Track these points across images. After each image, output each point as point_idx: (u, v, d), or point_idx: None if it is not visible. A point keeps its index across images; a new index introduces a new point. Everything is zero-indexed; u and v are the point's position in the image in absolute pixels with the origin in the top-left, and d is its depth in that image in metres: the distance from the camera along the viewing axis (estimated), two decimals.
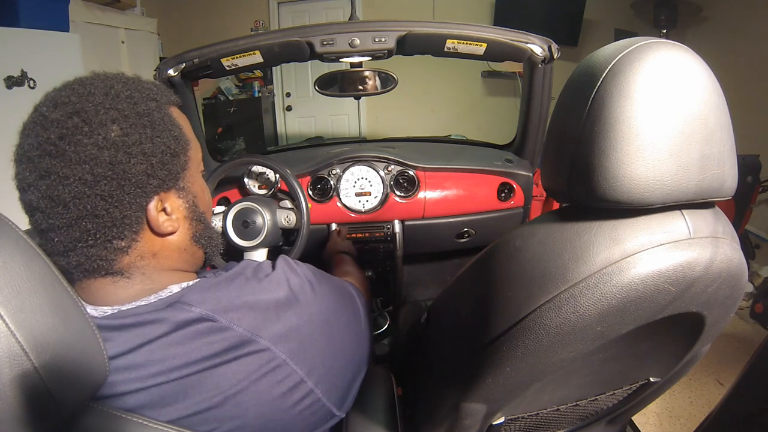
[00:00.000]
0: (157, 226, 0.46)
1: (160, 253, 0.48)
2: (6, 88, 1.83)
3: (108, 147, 0.42)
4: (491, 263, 0.53)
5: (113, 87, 0.45)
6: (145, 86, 0.48)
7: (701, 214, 0.47)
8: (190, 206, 0.50)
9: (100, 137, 0.42)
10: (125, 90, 0.45)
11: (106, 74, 0.47)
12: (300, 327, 0.47)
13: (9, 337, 0.30)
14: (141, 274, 0.46)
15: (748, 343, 1.87)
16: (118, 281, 0.45)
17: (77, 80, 0.45)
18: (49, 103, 0.43)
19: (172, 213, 0.48)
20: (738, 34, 2.61)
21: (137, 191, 0.44)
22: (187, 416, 0.41)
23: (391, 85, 1.05)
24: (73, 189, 0.41)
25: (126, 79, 0.47)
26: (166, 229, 0.47)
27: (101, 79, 0.46)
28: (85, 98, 0.43)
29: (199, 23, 3.61)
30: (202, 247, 0.53)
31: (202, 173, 0.55)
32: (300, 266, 0.53)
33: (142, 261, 0.46)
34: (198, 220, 0.51)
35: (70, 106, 0.42)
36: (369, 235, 1.23)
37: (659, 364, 0.62)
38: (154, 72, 1.00)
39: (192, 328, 0.42)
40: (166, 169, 0.46)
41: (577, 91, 0.46)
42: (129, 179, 0.43)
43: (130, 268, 0.46)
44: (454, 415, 0.58)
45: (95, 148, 0.41)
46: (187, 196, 0.50)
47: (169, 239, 0.48)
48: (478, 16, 3.32)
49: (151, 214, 0.45)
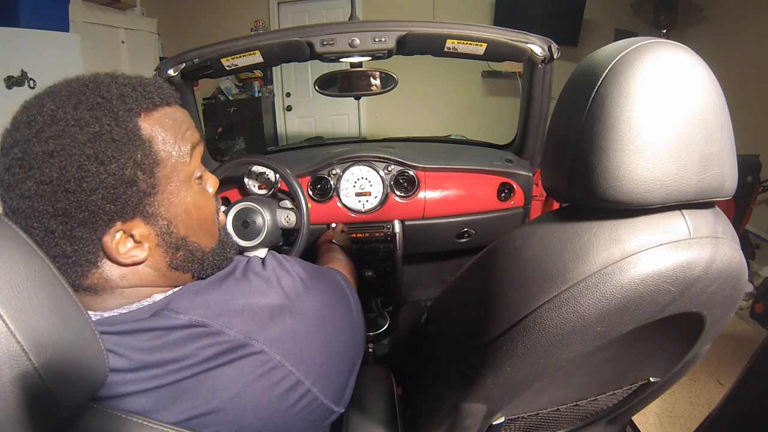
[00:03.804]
0: (115, 259, 0.42)
1: (130, 275, 0.44)
2: (6, 88, 1.84)
3: (46, 183, 0.39)
4: (491, 263, 0.52)
5: (62, 107, 0.40)
6: (110, 96, 0.41)
7: (701, 214, 0.47)
8: (162, 233, 0.45)
9: (37, 173, 0.39)
10: (75, 109, 0.40)
11: (70, 84, 0.43)
12: (294, 327, 0.46)
13: (9, 337, 0.30)
14: (110, 292, 0.44)
15: (748, 343, 1.87)
16: (88, 295, 0.44)
17: (39, 94, 0.42)
18: (9, 124, 0.41)
19: (142, 241, 0.43)
20: (738, 34, 2.61)
21: (84, 226, 0.40)
22: (186, 420, 0.40)
23: (391, 85, 1.04)
24: (22, 221, 0.40)
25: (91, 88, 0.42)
26: (127, 260, 0.43)
27: (56, 95, 0.41)
28: (29, 125, 0.40)
29: (199, 23, 3.61)
30: (188, 272, 0.48)
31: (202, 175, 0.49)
32: (290, 262, 0.52)
33: (108, 283, 0.44)
34: (176, 248, 0.46)
35: (15, 133, 0.40)
36: (369, 235, 1.23)
37: (659, 364, 0.61)
38: (154, 72, 1.00)
39: (184, 332, 0.41)
40: (120, 200, 0.41)
41: (577, 91, 0.46)
42: (71, 216, 0.40)
43: (95, 287, 0.43)
44: (454, 415, 0.58)
45: (34, 184, 0.39)
46: (158, 223, 0.44)
47: (139, 267, 0.44)
48: (478, 16, 3.32)
49: (107, 246, 0.42)
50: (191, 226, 0.47)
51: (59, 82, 0.44)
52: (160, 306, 0.43)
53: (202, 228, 0.49)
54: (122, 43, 2.89)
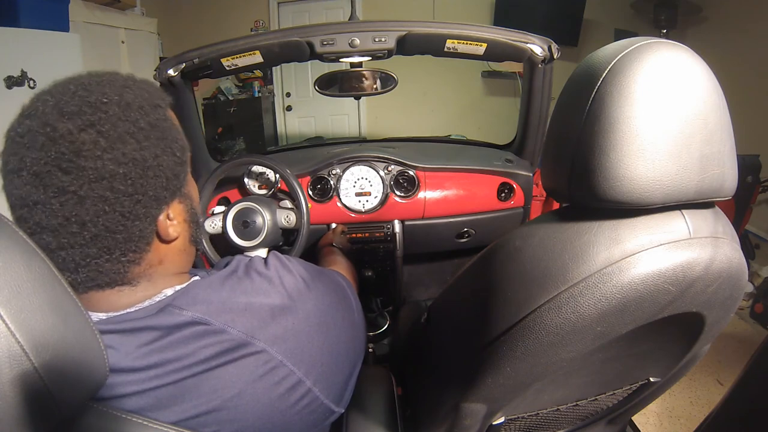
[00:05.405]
0: (166, 235, 0.46)
1: (165, 259, 0.47)
2: (6, 88, 1.83)
3: (127, 163, 0.40)
4: (491, 263, 0.53)
5: (123, 95, 0.42)
6: (148, 90, 0.46)
7: (701, 214, 0.47)
8: (189, 210, 0.50)
9: (119, 153, 0.40)
10: (136, 99, 0.43)
11: (110, 77, 0.44)
12: (296, 327, 0.47)
13: (9, 337, 0.30)
14: (147, 281, 0.46)
15: (748, 343, 1.87)
16: (123, 290, 0.44)
17: (79, 84, 0.42)
18: (55, 112, 0.39)
19: (174, 219, 0.47)
20: (738, 34, 2.61)
21: (153, 204, 0.44)
22: (186, 419, 0.40)
23: (391, 85, 1.05)
24: (93, 208, 0.40)
25: (130, 83, 0.45)
26: (172, 235, 0.47)
27: (108, 85, 0.43)
28: (99, 108, 0.40)
29: (199, 23, 3.61)
30: (197, 246, 0.53)
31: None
32: (292, 262, 0.53)
33: (151, 269, 0.46)
34: (195, 222, 0.51)
35: (84, 117, 0.39)
36: (369, 235, 1.23)
37: (659, 364, 0.62)
38: (154, 72, 1.00)
39: (186, 331, 0.41)
40: (179, 179, 0.46)
41: (577, 91, 0.46)
42: (147, 194, 0.42)
43: (139, 277, 0.45)
44: (454, 415, 0.58)
45: (114, 164, 0.40)
46: (186, 201, 0.49)
47: (173, 244, 0.48)
48: (478, 16, 3.32)
49: (161, 224, 0.45)
50: (196, 203, 0.53)
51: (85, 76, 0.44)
52: (167, 302, 0.43)
53: (200, 207, 0.57)
54: (122, 43, 2.89)
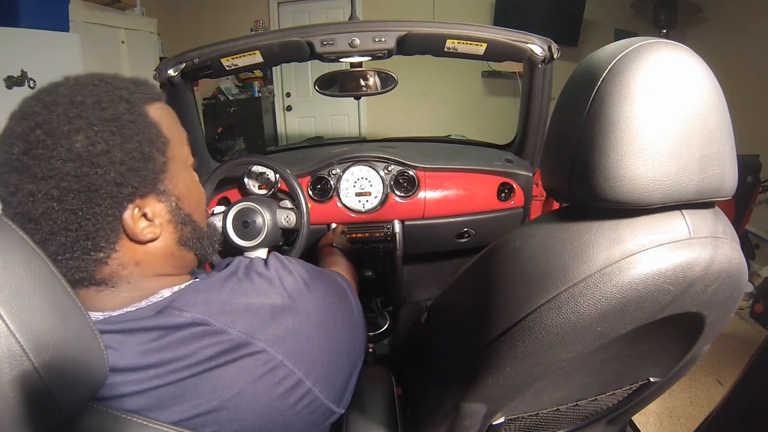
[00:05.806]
0: (135, 235, 0.44)
1: (144, 261, 0.46)
2: (6, 88, 1.84)
3: (72, 159, 0.40)
4: (491, 263, 0.53)
5: (79, 93, 0.43)
6: (118, 87, 0.45)
7: (701, 214, 0.47)
8: (173, 209, 0.48)
9: (63, 150, 0.40)
10: (92, 95, 0.43)
11: (77, 78, 0.45)
12: (296, 327, 0.47)
13: (9, 337, 0.30)
14: (126, 283, 0.45)
15: (748, 343, 1.87)
16: (102, 290, 0.45)
17: (45, 88, 0.44)
18: (17, 114, 0.42)
19: (153, 218, 0.46)
20: (738, 34, 2.61)
21: (108, 202, 0.42)
22: (186, 419, 0.40)
23: (391, 85, 1.04)
24: (41, 205, 0.40)
25: (97, 81, 0.45)
26: (146, 236, 0.45)
27: (68, 86, 0.44)
28: (49, 108, 0.41)
29: (199, 23, 3.61)
30: (192, 249, 0.51)
31: (193, 165, 0.53)
32: (292, 263, 0.53)
33: (125, 270, 0.45)
34: (183, 223, 0.49)
35: (34, 117, 0.41)
36: (369, 235, 1.23)
37: (659, 364, 0.62)
38: (154, 72, 1.00)
39: (186, 331, 0.41)
40: (140, 175, 0.44)
41: (577, 91, 0.46)
42: (97, 191, 0.41)
43: (112, 277, 0.45)
44: (454, 415, 0.58)
45: (59, 162, 0.40)
46: (169, 199, 0.48)
47: (151, 246, 0.47)
48: (478, 16, 3.32)
49: (127, 223, 0.44)
50: (192, 204, 0.51)
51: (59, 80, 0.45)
52: (165, 303, 0.43)
53: (200, 208, 0.54)
54: (122, 43, 2.89)
